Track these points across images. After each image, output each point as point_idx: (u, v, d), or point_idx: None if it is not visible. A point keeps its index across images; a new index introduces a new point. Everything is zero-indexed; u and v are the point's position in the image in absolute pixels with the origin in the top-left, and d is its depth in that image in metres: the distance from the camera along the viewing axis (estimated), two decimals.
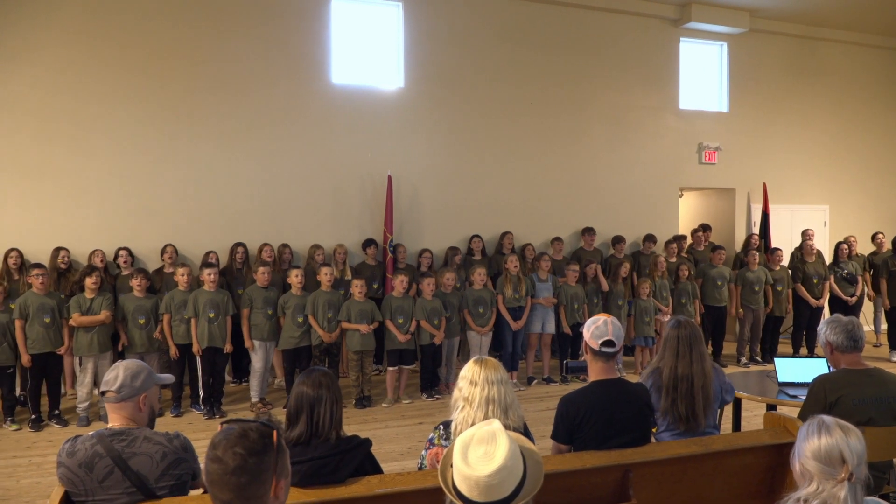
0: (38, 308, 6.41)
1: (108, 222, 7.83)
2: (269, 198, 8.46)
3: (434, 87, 9.18)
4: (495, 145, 9.48)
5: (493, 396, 2.85)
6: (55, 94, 7.67)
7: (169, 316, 6.85)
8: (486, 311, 7.73)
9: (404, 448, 5.93)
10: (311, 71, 8.64)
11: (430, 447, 2.96)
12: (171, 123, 8.08)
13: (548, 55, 9.72)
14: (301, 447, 2.64)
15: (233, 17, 8.29)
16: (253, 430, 1.68)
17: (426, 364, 7.58)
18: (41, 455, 5.76)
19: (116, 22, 7.85)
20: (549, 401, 7.33)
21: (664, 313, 8.56)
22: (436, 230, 9.12)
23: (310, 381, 2.72)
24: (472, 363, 2.97)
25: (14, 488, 5.05)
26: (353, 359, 7.25)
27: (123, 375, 2.61)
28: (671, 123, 10.47)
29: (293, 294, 7.16)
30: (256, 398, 7.10)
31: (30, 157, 7.59)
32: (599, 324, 3.20)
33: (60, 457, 2.51)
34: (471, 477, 1.82)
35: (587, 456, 3.01)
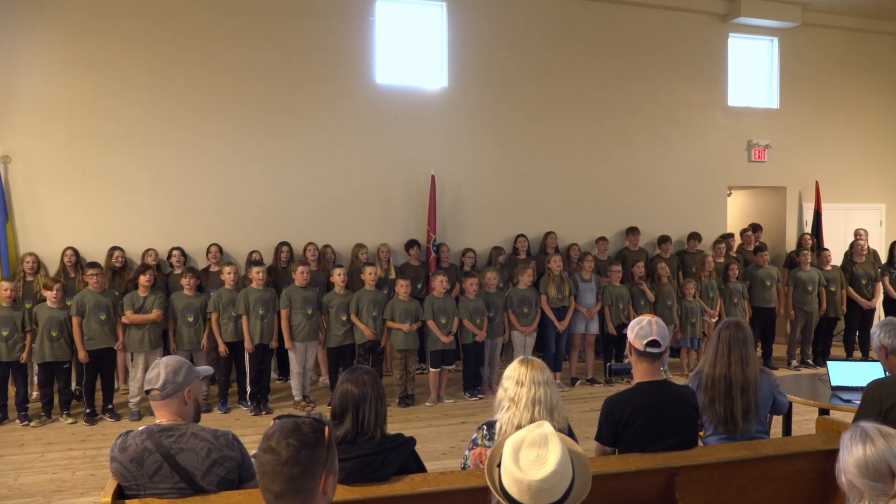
0: (94, 305, 6.61)
1: (160, 222, 8.04)
2: (313, 197, 8.57)
3: (478, 86, 9.17)
4: (539, 144, 9.43)
5: (540, 397, 2.82)
6: (110, 99, 7.89)
7: (217, 314, 6.99)
8: (531, 311, 7.70)
9: (447, 447, 5.94)
10: (355, 71, 8.72)
11: (474, 447, 2.95)
12: (220, 125, 8.24)
13: (592, 53, 9.62)
14: (346, 445, 2.66)
15: (278, 20, 8.41)
16: (306, 424, 1.70)
17: (469, 363, 7.58)
18: (95, 448, 5.93)
19: (167, 28, 8.05)
20: (593, 402, 7.27)
21: (711, 315, 8.40)
22: (479, 230, 9.12)
23: (354, 379, 2.74)
24: (517, 363, 2.94)
25: (70, 480, 5.21)
26: (397, 357, 7.29)
27: (165, 372, 2.65)
28: (719, 121, 10.26)
29: (336, 293, 7.23)
30: (299, 397, 7.19)
31: (86, 160, 7.83)
32: (644, 324, 3.15)
33: (113, 452, 2.58)
34: (523, 481, 1.81)
35: (632, 458, 2.97)
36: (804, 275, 8.80)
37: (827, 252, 9.08)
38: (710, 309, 8.46)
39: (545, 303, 7.80)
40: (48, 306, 6.57)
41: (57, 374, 6.67)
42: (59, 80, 7.75)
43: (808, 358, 8.99)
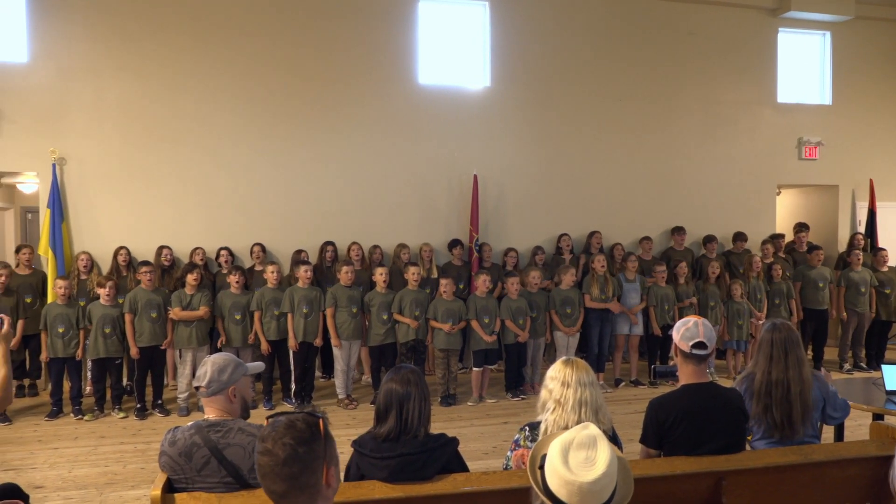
0: (146, 303, 6.78)
1: (208, 222, 8.21)
2: (356, 197, 8.64)
3: (520, 85, 9.14)
4: (583, 143, 9.35)
5: (586, 399, 2.80)
6: (160, 103, 8.09)
7: (260, 312, 7.10)
8: (574, 311, 7.64)
9: (489, 447, 5.94)
10: (398, 72, 8.77)
11: (516, 448, 2.94)
12: (264, 126, 8.38)
13: (637, 50, 9.50)
14: (390, 443, 2.68)
15: (322, 22, 8.51)
16: (300, 421, 1.70)
17: (511, 364, 7.56)
18: (145, 442, 6.09)
19: (213, 33, 8.21)
20: (637, 404, 7.18)
21: (758, 317, 8.23)
22: (521, 229, 9.08)
23: (399, 378, 2.76)
24: (561, 364, 2.92)
25: (121, 473, 5.36)
26: (439, 357, 7.31)
27: (211, 371, 2.71)
28: (768, 118, 10.03)
29: (378, 292, 7.28)
30: (343, 395, 7.26)
31: (137, 161, 8.04)
32: (690, 325, 3.09)
33: (163, 446, 2.65)
34: (573, 482, 1.80)
35: (678, 462, 2.93)
36: (856, 276, 8.55)
37: (884, 252, 8.81)
38: (758, 311, 8.28)
39: (588, 303, 7.73)
40: (101, 304, 6.77)
41: (109, 370, 6.87)
42: (111, 85, 7.97)
43: (861, 361, 8.73)
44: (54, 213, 7.63)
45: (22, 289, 7.11)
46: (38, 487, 4.97)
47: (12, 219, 11.38)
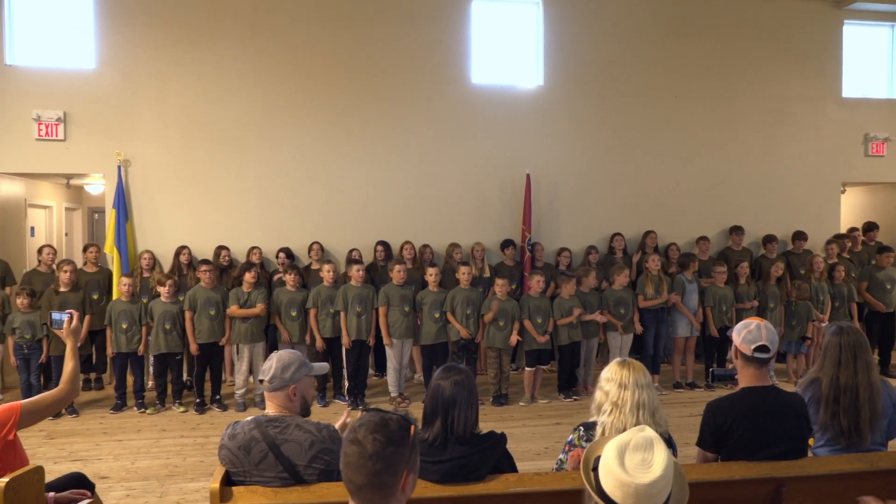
0: (205, 301, 6.96)
1: (265, 221, 8.38)
2: (409, 197, 8.70)
3: (574, 83, 9.06)
4: (638, 141, 9.21)
5: (644, 401, 2.75)
6: (220, 106, 8.30)
7: (315, 310, 7.21)
8: (628, 311, 7.54)
9: (541, 448, 5.90)
10: (451, 72, 8.79)
11: (571, 449, 2.92)
12: (320, 128, 8.51)
13: (695, 45, 9.30)
14: (437, 448, 2.68)
15: (375, 24, 8.59)
16: (393, 421, 1.72)
17: (564, 364, 7.50)
18: (204, 436, 6.25)
19: (271, 37, 8.38)
20: (693, 406, 7.03)
21: (821, 319, 7.96)
22: (575, 229, 9.00)
23: (446, 380, 2.74)
24: (616, 366, 2.88)
25: (181, 465, 5.51)
26: (491, 356, 7.30)
27: (275, 367, 2.76)
28: (832, 113, 9.70)
29: (430, 291, 7.31)
30: (395, 393, 7.32)
31: (197, 163, 8.27)
32: (752, 328, 3.00)
33: (223, 439, 2.72)
34: (629, 484, 1.78)
35: (736, 467, 2.86)
36: None
37: None
38: (821, 313, 8.01)
39: (642, 303, 7.62)
40: (162, 301, 6.97)
41: (170, 365, 7.07)
42: (174, 89, 8.21)
43: None
44: (119, 213, 7.91)
45: (89, 286, 7.38)
46: (103, 478, 5.15)
47: (80, 219, 11.82)
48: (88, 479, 3.56)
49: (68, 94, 7.99)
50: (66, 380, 3.21)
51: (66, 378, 3.22)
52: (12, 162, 7.95)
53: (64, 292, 6.91)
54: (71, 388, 3.21)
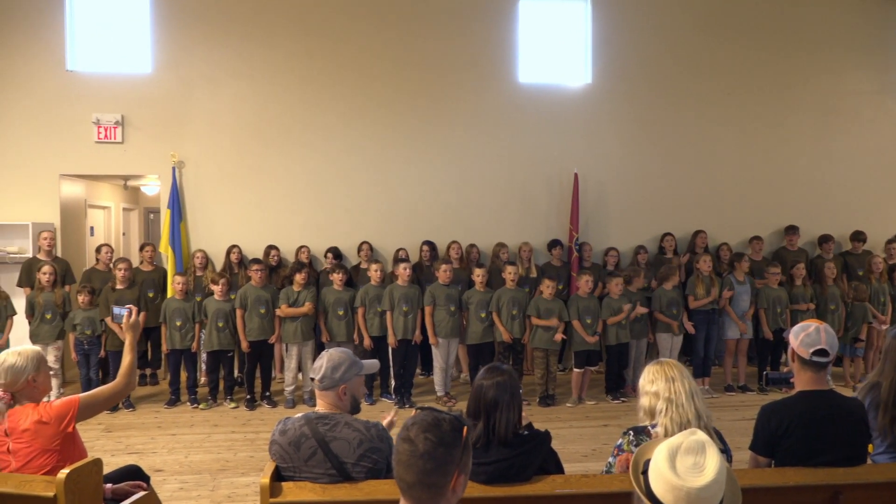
0: (256, 300, 7.09)
1: (314, 221, 8.50)
2: (456, 196, 8.72)
3: (622, 81, 8.95)
4: (688, 138, 9.05)
5: (695, 389, 2.74)
6: (270, 107, 8.46)
7: (363, 309, 7.28)
8: (678, 312, 7.41)
9: (588, 450, 5.85)
10: (498, 71, 8.78)
11: (619, 453, 2.88)
12: (367, 128, 8.59)
13: (747, 40, 9.09)
14: (480, 450, 2.68)
15: (423, 23, 8.63)
16: (446, 422, 1.71)
17: (612, 365, 7.41)
18: (254, 432, 6.36)
19: (320, 39, 8.49)
20: (745, 410, 6.88)
21: (881, 321, 7.70)
22: (623, 228, 8.89)
23: (490, 381, 2.74)
24: (653, 366, 2.84)
25: (232, 460, 5.63)
26: (538, 356, 7.26)
27: (326, 367, 2.79)
28: (892, 108, 9.35)
29: (476, 290, 7.31)
30: (441, 392, 7.34)
31: (248, 163, 8.44)
32: (811, 331, 2.91)
33: (274, 435, 2.77)
34: (681, 488, 1.75)
35: (790, 472, 2.78)
36: None
37: None
38: (882, 315, 7.75)
39: (693, 303, 7.48)
40: (215, 299, 7.13)
41: (222, 362, 7.23)
42: (226, 92, 8.40)
43: None
44: (174, 213, 8.12)
45: (145, 284, 7.59)
46: (157, 471, 5.29)
47: (137, 218, 12.17)
48: (144, 472, 3.66)
49: (126, 98, 8.24)
50: (122, 373, 3.31)
51: (122, 372, 3.31)
52: (73, 164, 8.24)
53: (120, 290, 7.12)
54: (127, 381, 3.30)
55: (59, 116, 8.14)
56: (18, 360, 3.06)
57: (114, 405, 2.91)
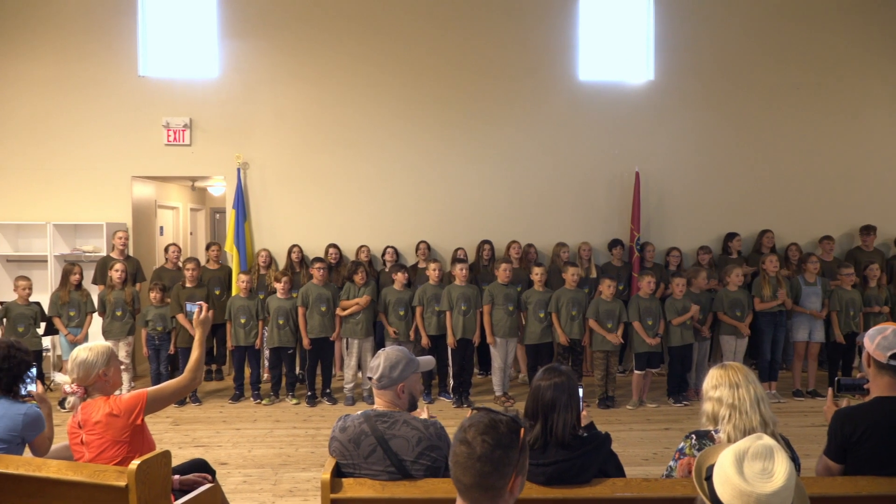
0: (317, 298, 7.22)
1: (373, 220, 8.60)
2: (515, 196, 8.69)
3: (686, 76, 8.75)
4: (754, 134, 8.78)
5: (761, 395, 2.64)
6: (332, 109, 8.59)
7: (421, 308, 7.32)
8: (743, 314, 7.21)
9: (649, 453, 5.74)
10: (558, 69, 8.70)
11: (681, 457, 2.82)
12: (428, 128, 8.64)
13: (816, 31, 8.76)
14: (538, 451, 2.66)
15: (481, 22, 8.63)
16: (503, 423, 1.70)
17: (675, 368, 7.26)
18: (315, 428, 6.47)
19: (380, 40, 8.58)
20: (814, 416, 6.64)
21: None
22: (686, 228, 8.70)
23: (547, 382, 2.72)
24: (717, 370, 2.76)
25: (293, 455, 5.74)
26: (599, 357, 7.17)
27: (384, 366, 2.81)
28: None
29: (535, 290, 7.26)
30: (500, 392, 7.32)
31: (310, 164, 8.59)
32: (888, 334, 2.79)
33: (334, 432, 2.81)
34: (750, 494, 1.70)
35: (863, 482, 2.67)
36: None
37: None
38: None
39: (759, 304, 7.26)
40: (277, 297, 7.29)
41: (283, 359, 7.38)
42: (289, 93, 8.57)
43: None
44: (238, 214, 8.33)
45: (211, 282, 7.82)
46: (222, 464, 5.44)
47: (204, 218, 12.53)
48: (210, 465, 3.77)
49: (194, 102, 8.50)
50: (189, 368, 3.40)
51: (190, 367, 3.41)
52: (144, 166, 8.54)
53: (189, 288, 7.35)
54: (193, 376, 3.39)
55: (131, 120, 8.46)
56: (90, 356, 3.19)
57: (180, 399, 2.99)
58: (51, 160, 8.40)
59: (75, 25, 8.39)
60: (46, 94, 8.40)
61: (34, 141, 8.40)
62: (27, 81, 8.39)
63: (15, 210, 8.36)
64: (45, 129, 8.41)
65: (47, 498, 2.87)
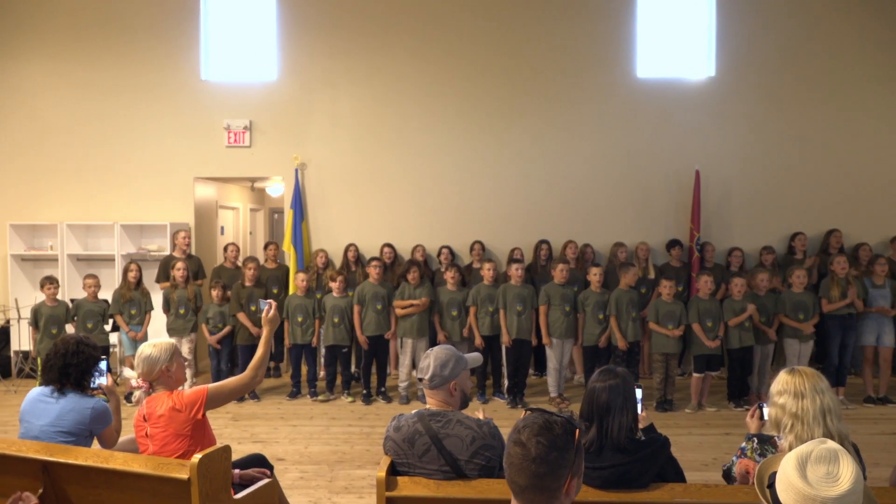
0: (373, 296, 7.29)
1: (428, 220, 8.63)
2: (572, 195, 8.59)
3: (748, 71, 8.50)
4: (821, 130, 8.48)
5: (829, 406, 2.50)
6: (387, 109, 8.66)
7: (475, 308, 7.31)
8: (807, 317, 6.97)
9: (708, 458, 5.60)
10: (615, 66, 8.58)
11: (742, 457, 2.74)
12: (483, 127, 8.62)
13: (886, 22, 8.39)
14: (593, 454, 2.63)
15: (538, 22, 8.56)
16: (558, 425, 1.69)
17: (735, 371, 7.07)
18: (370, 426, 6.53)
19: (435, 41, 8.60)
20: (885, 424, 6.38)
21: None
22: (748, 227, 8.46)
23: (603, 384, 2.68)
24: (786, 375, 2.63)
25: (349, 452, 5.80)
26: (658, 360, 7.03)
27: (434, 365, 2.81)
28: None
29: (593, 291, 7.17)
30: (555, 393, 7.25)
31: (366, 165, 8.68)
32: None
33: (388, 431, 2.83)
34: (815, 498, 1.65)
35: None
36: None
37: None
38: None
39: (826, 307, 7.01)
40: (333, 296, 7.39)
41: (338, 357, 7.47)
42: (345, 94, 8.67)
43: None
44: (296, 214, 8.48)
45: (270, 281, 7.97)
46: (280, 459, 5.54)
47: (262, 218, 12.79)
48: (268, 461, 3.84)
49: (253, 104, 8.68)
50: (252, 366, 3.45)
51: (252, 364, 3.46)
52: (206, 168, 8.77)
53: (248, 287, 7.51)
54: (254, 374, 3.45)
55: (193, 123, 8.69)
56: (154, 351, 3.29)
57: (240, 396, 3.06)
58: (118, 163, 8.70)
59: (140, 33, 8.66)
60: (114, 99, 8.70)
61: (102, 145, 8.71)
62: (95, 88, 8.70)
63: (85, 211, 8.69)
64: (113, 133, 8.71)
65: (114, 489, 2.97)
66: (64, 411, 3.42)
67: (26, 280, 8.57)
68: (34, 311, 7.18)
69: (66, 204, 8.70)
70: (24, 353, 8.27)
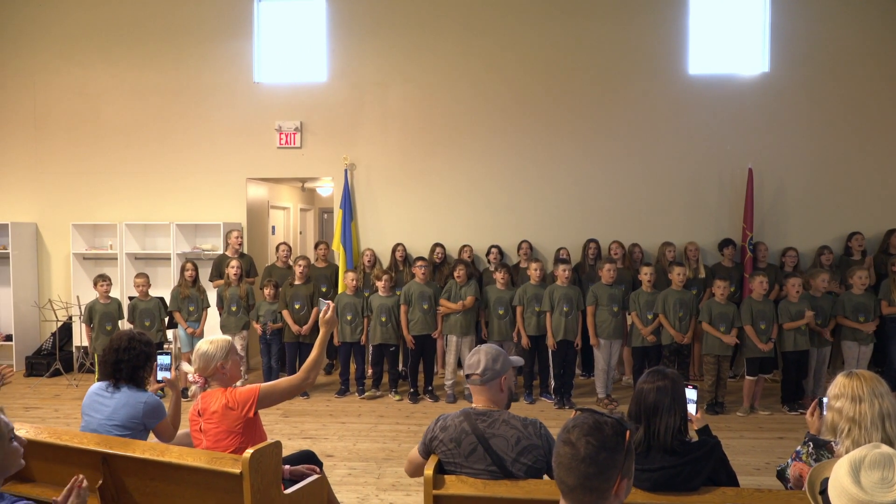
0: (419, 296, 7.34)
1: (476, 220, 8.64)
2: (621, 194, 8.50)
3: (804, 67, 8.28)
4: (877, 128, 8.21)
5: (888, 411, 2.43)
6: (436, 109, 8.71)
7: (521, 308, 7.28)
8: (867, 318, 6.75)
9: (761, 463, 5.48)
10: (666, 64, 8.45)
11: (797, 459, 2.68)
12: (531, 127, 8.59)
13: None
14: (642, 455, 2.60)
15: (589, 19, 8.48)
16: (608, 425, 1.68)
17: (789, 374, 6.89)
18: (417, 424, 6.57)
19: (484, 40, 8.60)
20: None
21: None
22: (803, 227, 8.24)
23: (651, 385, 2.67)
24: (843, 378, 2.58)
25: (396, 450, 5.85)
26: (709, 362, 6.91)
27: (485, 360, 2.82)
28: None
29: (643, 291, 7.08)
30: (602, 394, 7.19)
31: (414, 165, 8.74)
32: None
33: (434, 431, 2.85)
34: (868, 503, 1.61)
35: None
36: None
37: None
38: None
39: (887, 309, 6.78)
40: (380, 295, 7.46)
41: (385, 356, 7.54)
42: (395, 96, 8.75)
43: None
44: (345, 213, 8.59)
45: (319, 280, 8.09)
46: (329, 456, 5.62)
47: (312, 218, 12.99)
48: (317, 457, 3.90)
49: (304, 106, 8.82)
50: (305, 367, 3.44)
51: (305, 366, 3.44)
52: (258, 168, 8.96)
53: (297, 285, 7.64)
54: (306, 376, 3.43)
55: (246, 125, 8.88)
56: (210, 348, 3.37)
57: (292, 397, 3.12)
58: (173, 164, 8.95)
59: (196, 38, 8.89)
60: (170, 102, 8.95)
61: (159, 146, 8.97)
62: (153, 91, 8.96)
63: (142, 211, 8.96)
64: (169, 135, 8.96)
65: (170, 482, 3.07)
66: (118, 406, 3.53)
67: (87, 279, 8.87)
68: (88, 308, 7.44)
69: (124, 204, 8.99)
70: (83, 348, 8.57)
